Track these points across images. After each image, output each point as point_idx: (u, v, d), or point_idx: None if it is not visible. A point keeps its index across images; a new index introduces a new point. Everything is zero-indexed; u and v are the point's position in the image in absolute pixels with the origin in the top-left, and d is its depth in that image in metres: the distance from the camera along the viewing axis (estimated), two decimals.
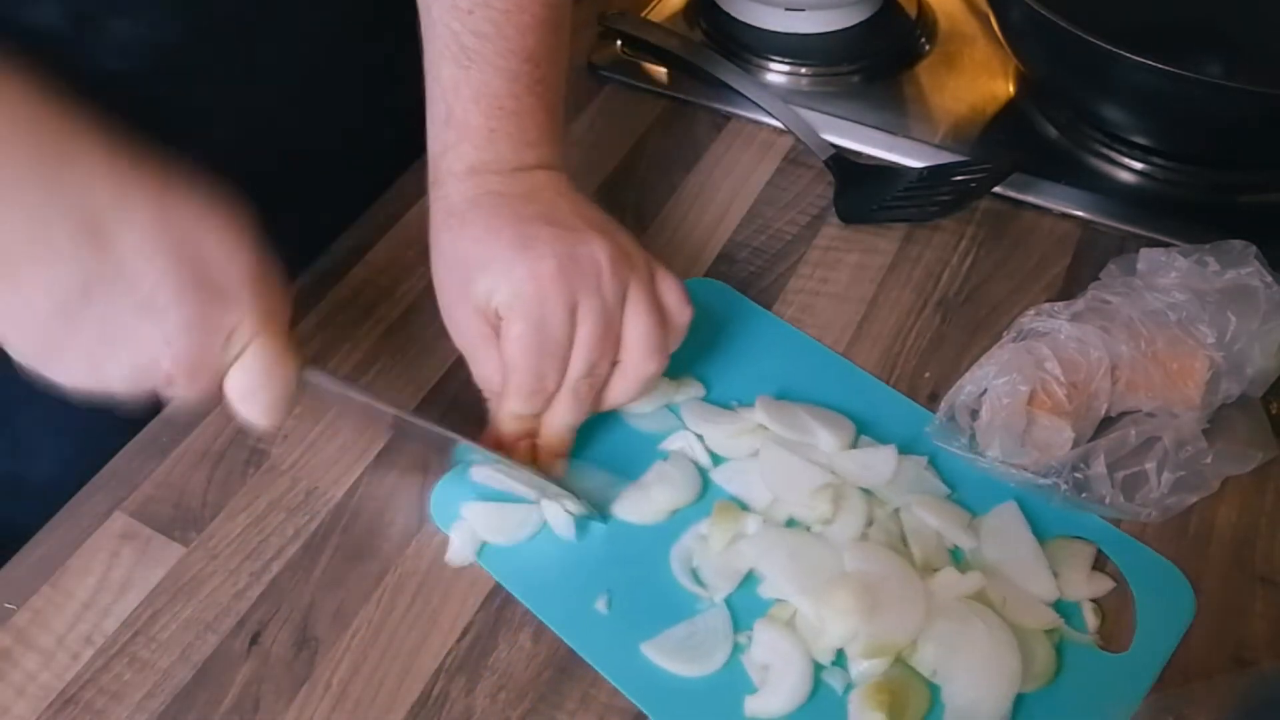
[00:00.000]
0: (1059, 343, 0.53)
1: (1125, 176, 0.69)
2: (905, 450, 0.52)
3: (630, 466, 0.53)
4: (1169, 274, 0.55)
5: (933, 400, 0.56)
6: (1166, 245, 0.58)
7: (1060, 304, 0.55)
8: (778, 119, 0.71)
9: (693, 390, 0.56)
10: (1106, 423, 0.53)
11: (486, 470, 0.52)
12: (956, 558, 0.49)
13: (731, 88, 0.73)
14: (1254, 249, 0.55)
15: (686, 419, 0.54)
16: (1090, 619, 0.47)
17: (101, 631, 0.47)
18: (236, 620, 0.48)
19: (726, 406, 0.55)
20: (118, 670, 0.46)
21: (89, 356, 0.40)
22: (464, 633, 0.47)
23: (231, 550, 0.50)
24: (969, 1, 0.82)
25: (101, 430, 0.53)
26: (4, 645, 0.47)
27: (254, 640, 0.47)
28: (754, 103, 0.72)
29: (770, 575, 0.48)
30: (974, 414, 0.53)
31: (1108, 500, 0.50)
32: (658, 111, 0.74)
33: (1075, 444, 0.51)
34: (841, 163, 0.68)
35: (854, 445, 0.53)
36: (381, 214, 0.66)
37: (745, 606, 0.48)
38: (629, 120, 0.73)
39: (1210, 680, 0.46)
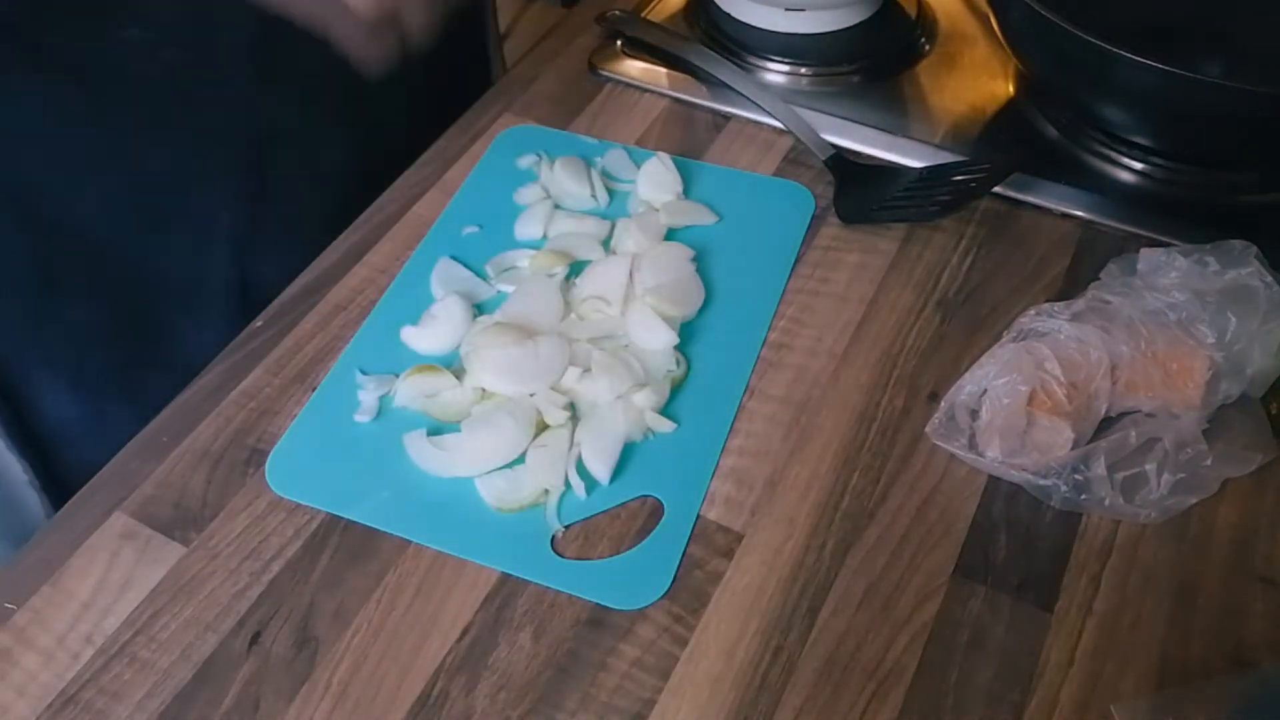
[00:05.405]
0: (1059, 343, 0.53)
1: (1125, 176, 0.69)
2: None
3: None
4: (1169, 274, 0.55)
5: (932, 400, 0.56)
6: (1166, 245, 0.58)
7: (1060, 304, 0.55)
8: (777, 119, 0.71)
9: None
10: (1106, 423, 0.53)
11: None
12: None
13: (731, 88, 0.72)
14: (1254, 249, 0.55)
15: None
16: None
17: (102, 631, 0.47)
18: (237, 620, 0.48)
19: None
20: (118, 670, 0.46)
21: None
22: (464, 632, 0.47)
23: (232, 550, 0.50)
24: (969, 2, 0.82)
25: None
26: (4, 645, 0.47)
27: (254, 640, 0.47)
28: (754, 103, 0.72)
29: None
30: (974, 414, 0.53)
31: (1107, 502, 0.50)
32: (657, 111, 0.74)
33: (1075, 444, 0.51)
34: (841, 163, 0.68)
35: None
36: (381, 214, 0.66)
37: None
38: (629, 120, 0.73)
39: (1210, 680, 0.46)
